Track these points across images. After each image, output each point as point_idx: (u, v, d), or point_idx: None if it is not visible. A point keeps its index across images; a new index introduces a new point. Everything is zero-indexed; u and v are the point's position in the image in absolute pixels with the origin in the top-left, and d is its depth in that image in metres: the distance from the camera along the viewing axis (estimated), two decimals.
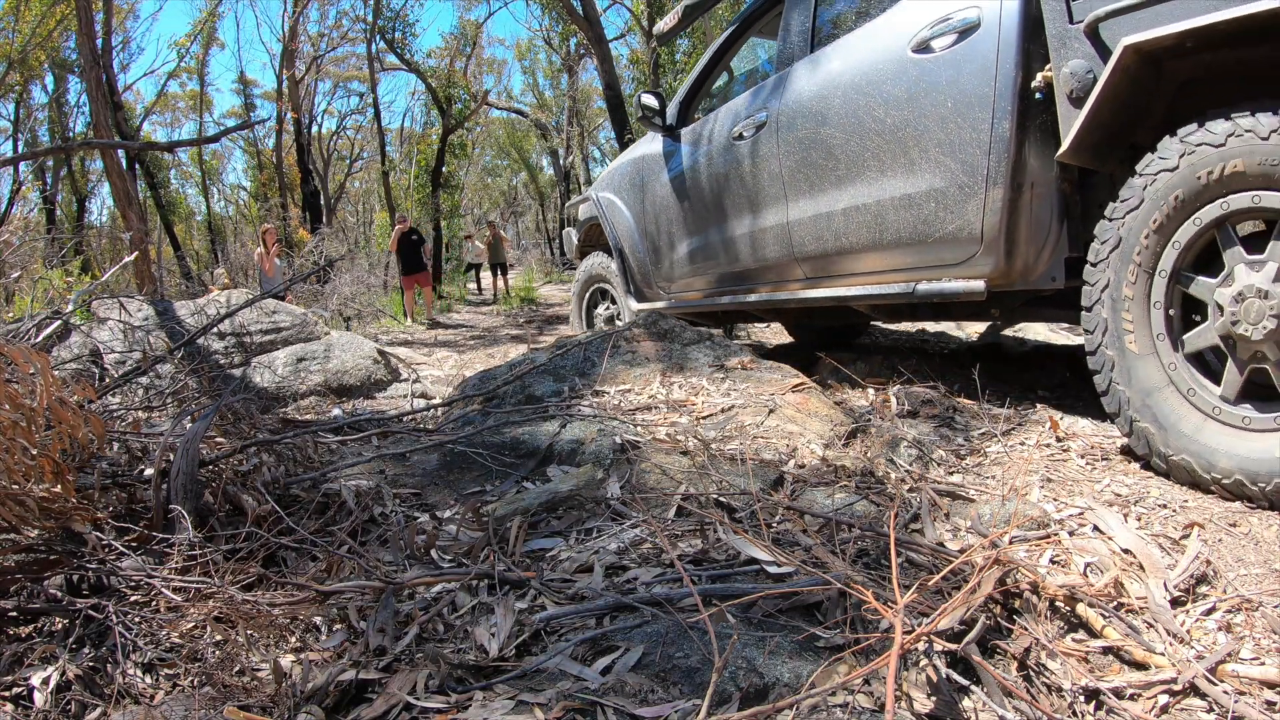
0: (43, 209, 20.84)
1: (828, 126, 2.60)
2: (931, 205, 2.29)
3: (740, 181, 3.05)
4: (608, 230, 4.08)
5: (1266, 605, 1.27)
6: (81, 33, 9.23)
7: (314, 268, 11.03)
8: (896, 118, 2.35)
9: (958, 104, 2.17)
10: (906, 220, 2.38)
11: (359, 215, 32.24)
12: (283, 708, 1.00)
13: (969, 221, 2.19)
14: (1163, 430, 1.73)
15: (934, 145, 2.25)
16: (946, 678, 1.00)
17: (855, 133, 2.49)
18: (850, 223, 2.58)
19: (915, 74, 2.29)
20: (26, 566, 1.29)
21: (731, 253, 3.20)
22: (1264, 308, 1.55)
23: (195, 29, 20.70)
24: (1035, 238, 2.12)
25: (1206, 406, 1.67)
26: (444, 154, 19.45)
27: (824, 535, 1.44)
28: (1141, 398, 1.77)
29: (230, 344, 4.58)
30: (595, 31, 11.34)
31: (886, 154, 2.41)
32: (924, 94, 2.26)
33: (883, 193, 2.43)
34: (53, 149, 17.93)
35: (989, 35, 2.09)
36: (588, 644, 1.08)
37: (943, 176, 2.24)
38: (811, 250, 2.78)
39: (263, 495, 1.59)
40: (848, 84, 2.52)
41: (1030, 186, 2.09)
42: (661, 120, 3.59)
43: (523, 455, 1.99)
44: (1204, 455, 1.65)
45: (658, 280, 3.80)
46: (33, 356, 1.36)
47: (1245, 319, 1.58)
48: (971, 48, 2.13)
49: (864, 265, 2.63)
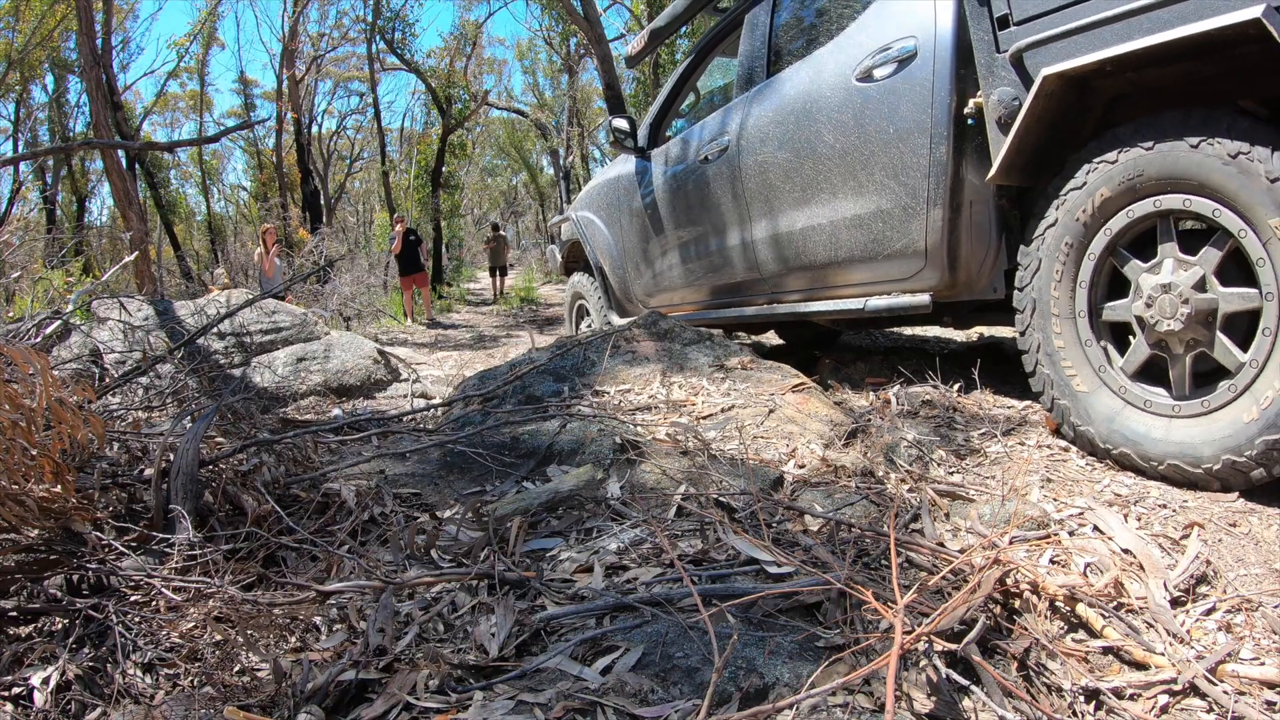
0: (43, 209, 20.83)
1: (783, 151, 2.72)
2: (879, 225, 2.42)
3: (707, 203, 3.18)
4: (587, 249, 4.25)
5: (1266, 605, 1.27)
6: (81, 33, 9.23)
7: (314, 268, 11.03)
8: (845, 143, 2.47)
9: (899, 129, 2.29)
10: (857, 239, 2.52)
11: (359, 215, 32.24)
12: (283, 708, 1.00)
13: (914, 240, 2.33)
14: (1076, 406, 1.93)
15: (879, 169, 2.38)
16: (946, 678, 1.00)
17: (808, 157, 2.62)
18: (807, 242, 2.72)
19: (860, 101, 2.41)
20: (26, 566, 1.29)
21: (703, 270, 3.35)
22: (1179, 305, 1.69)
23: (195, 29, 20.69)
24: (976, 253, 2.25)
25: (1115, 387, 1.85)
26: (444, 154, 19.45)
27: (824, 535, 1.44)
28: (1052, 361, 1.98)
29: (230, 344, 4.58)
30: (595, 31, 11.34)
31: (837, 177, 2.54)
32: (869, 120, 2.39)
33: (835, 214, 2.57)
34: (53, 149, 17.93)
35: (925, 64, 2.21)
36: (588, 644, 1.08)
37: (888, 198, 2.37)
38: (773, 269, 2.93)
39: (263, 495, 1.59)
40: (800, 110, 2.65)
41: (969, 205, 2.22)
42: (633, 142, 3.73)
43: (523, 455, 1.99)
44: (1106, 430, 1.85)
45: (637, 295, 3.95)
46: (33, 356, 1.36)
47: (1161, 311, 1.72)
48: (910, 76, 2.25)
49: (820, 282, 2.78)
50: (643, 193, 3.69)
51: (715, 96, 3.66)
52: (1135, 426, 1.79)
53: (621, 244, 3.98)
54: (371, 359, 4.92)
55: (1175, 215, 1.73)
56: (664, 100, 3.74)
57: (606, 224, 4.11)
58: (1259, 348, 1.58)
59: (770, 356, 2.81)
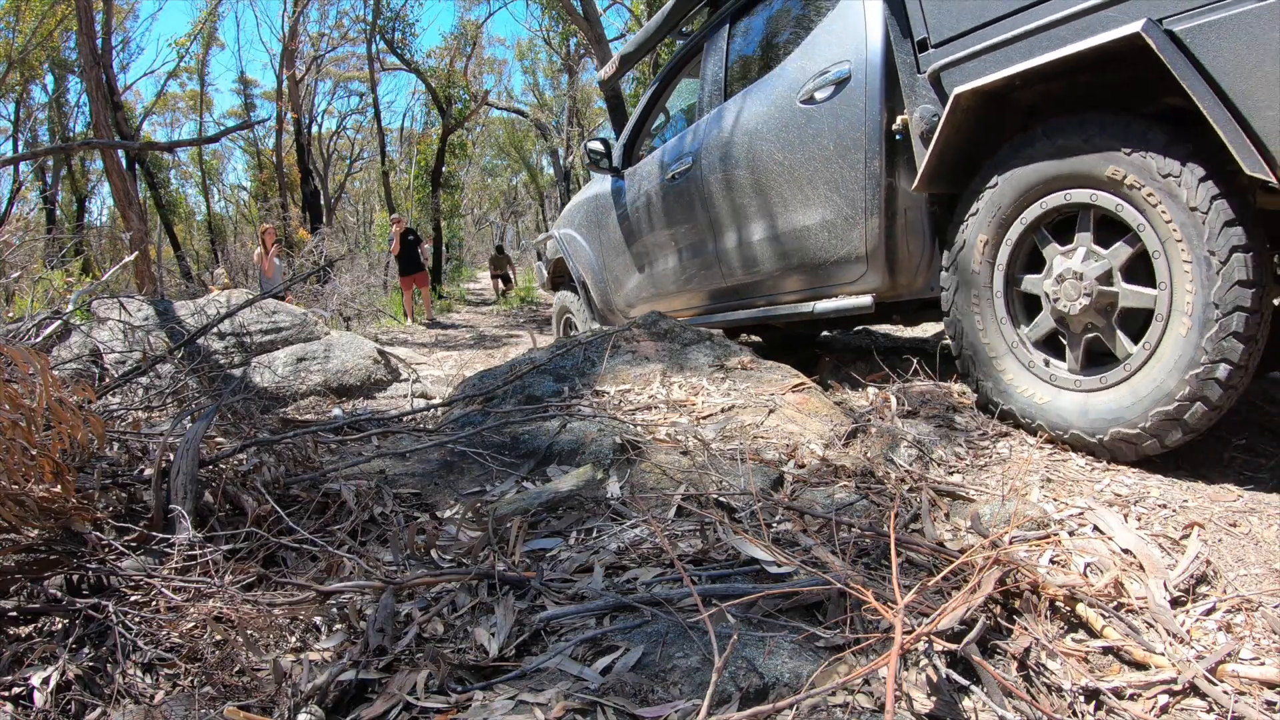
0: (43, 209, 20.83)
1: (740, 169, 2.93)
2: (825, 235, 2.63)
3: (677, 218, 3.41)
4: (570, 265, 4.49)
5: (1266, 605, 1.28)
6: (81, 33, 9.23)
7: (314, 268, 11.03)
8: (792, 159, 2.68)
9: (838, 146, 2.49)
10: (806, 248, 2.73)
11: (359, 215, 32.23)
12: (283, 708, 1.00)
13: (855, 247, 2.53)
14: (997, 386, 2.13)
15: (823, 183, 2.58)
16: (946, 678, 1.00)
17: (762, 174, 2.84)
18: (763, 252, 2.94)
19: (804, 121, 2.61)
20: (26, 566, 1.29)
21: (675, 281, 3.58)
22: (1083, 292, 1.86)
23: (195, 29, 20.69)
24: (913, 256, 2.45)
25: (1025, 362, 2.04)
26: (444, 154, 19.46)
27: (824, 535, 1.44)
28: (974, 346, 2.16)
29: (230, 344, 4.58)
30: (595, 31, 11.34)
31: (787, 192, 2.75)
32: (812, 139, 2.59)
33: (786, 225, 2.78)
34: (53, 149, 17.92)
35: (858, 86, 2.40)
36: (588, 644, 1.08)
37: (832, 209, 2.57)
38: (736, 278, 3.16)
39: (263, 495, 1.59)
40: (753, 131, 2.86)
41: (904, 213, 2.42)
42: (608, 163, 3.96)
43: (523, 455, 1.99)
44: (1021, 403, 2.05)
45: (618, 307, 4.17)
46: (33, 356, 1.36)
47: (1067, 293, 1.89)
48: (845, 98, 2.45)
49: (777, 289, 3.00)
50: (619, 210, 3.90)
51: (680, 119, 3.84)
52: (1042, 399, 1.98)
53: (602, 259, 4.19)
54: (371, 359, 4.92)
55: (1090, 208, 1.87)
56: (636, 121, 3.95)
57: (587, 240, 4.32)
58: (1152, 331, 1.74)
59: (770, 357, 2.81)
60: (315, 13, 21.58)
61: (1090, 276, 1.84)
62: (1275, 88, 1.48)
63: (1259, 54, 1.48)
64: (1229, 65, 1.54)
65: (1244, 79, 1.52)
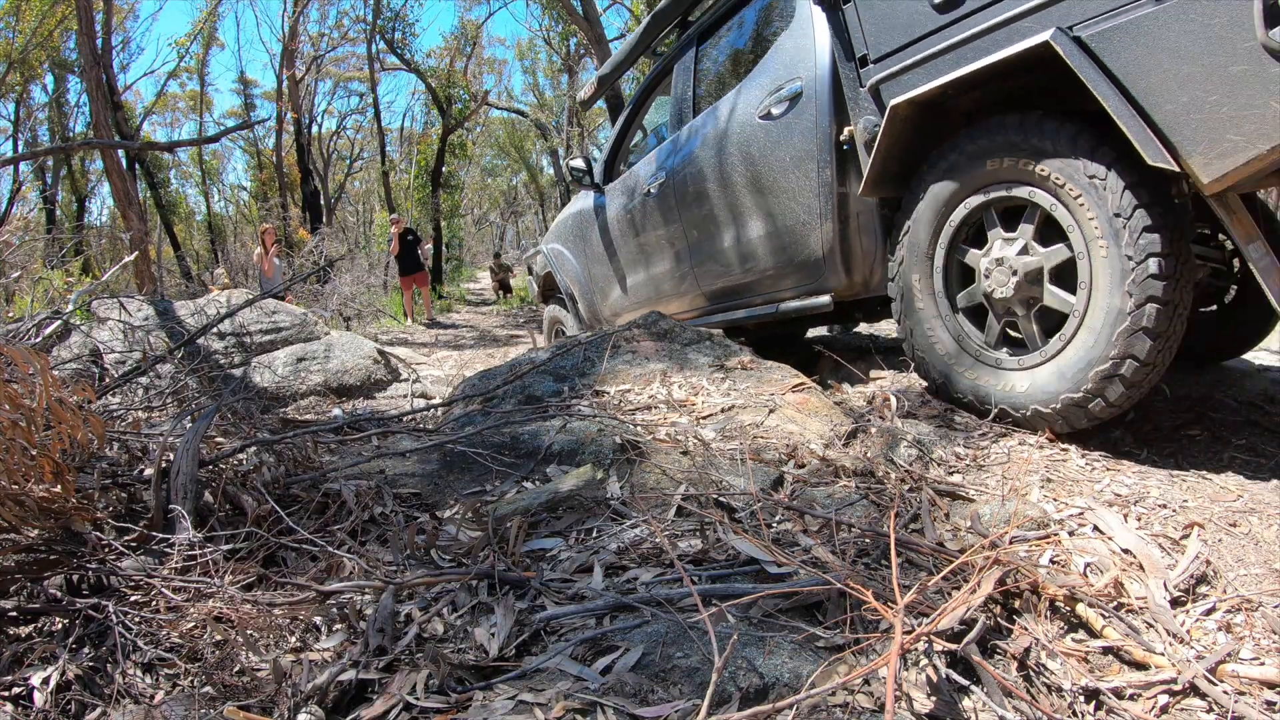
0: (43, 209, 20.82)
1: (709, 182, 3.11)
2: (785, 240, 2.80)
3: (654, 230, 3.60)
4: (558, 278, 4.69)
5: (1266, 605, 1.28)
6: (81, 33, 9.23)
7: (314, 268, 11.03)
8: (754, 172, 2.85)
9: (794, 158, 2.65)
10: (769, 254, 2.91)
11: (359, 215, 32.21)
12: (283, 708, 1.00)
13: (813, 251, 2.69)
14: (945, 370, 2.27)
15: (782, 192, 2.74)
16: (946, 678, 1.00)
17: (727, 186, 3.01)
18: (731, 259, 3.12)
19: (763, 136, 2.78)
20: (26, 566, 1.29)
21: (655, 290, 3.76)
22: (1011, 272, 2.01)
23: (195, 29, 20.67)
24: (867, 257, 2.62)
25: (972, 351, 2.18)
26: (444, 154, 19.46)
27: (824, 535, 1.44)
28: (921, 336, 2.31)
29: (230, 344, 4.58)
30: (595, 31, 11.34)
31: (751, 202, 2.92)
32: (771, 152, 2.75)
33: (751, 233, 2.96)
34: (53, 149, 17.92)
35: (809, 101, 2.57)
36: (588, 644, 1.08)
37: (790, 216, 2.73)
38: (709, 283, 3.34)
39: (263, 495, 1.59)
40: (718, 145, 3.02)
41: (856, 217, 2.58)
42: (590, 179, 4.14)
43: (523, 455, 1.99)
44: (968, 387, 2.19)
45: (604, 316, 4.35)
46: (32, 356, 1.36)
47: (998, 281, 2.04)
48: (798, 112, 2.62)
49: (745, 293, 3.17)
50: (601, 225, 4.08)
51: (653, 137, 4.04)
52: (989, 383, 2.13)
53: (588, 271, 4.39)
54: (371, 359, 4.92)
55: (1000, 203, 2.06)
56: (615, 138, 4.16)
57: (574, 254, 4.51)
58: (1079, 299, 1.88)
59: (770, 357, 2.81)
60: (315, 13, 21.60)
61: (1011, 255, 2.01)
62: (1172, 84, 1.62)
63: (1157, 54, 1.63)
64: (1131, 65, 1.67)
65: (1144, 77, 1.65)
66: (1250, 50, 1.50)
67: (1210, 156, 1.60)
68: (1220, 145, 1.59)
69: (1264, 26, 1.47)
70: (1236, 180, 1.62)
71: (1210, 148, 1.60)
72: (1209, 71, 1.57)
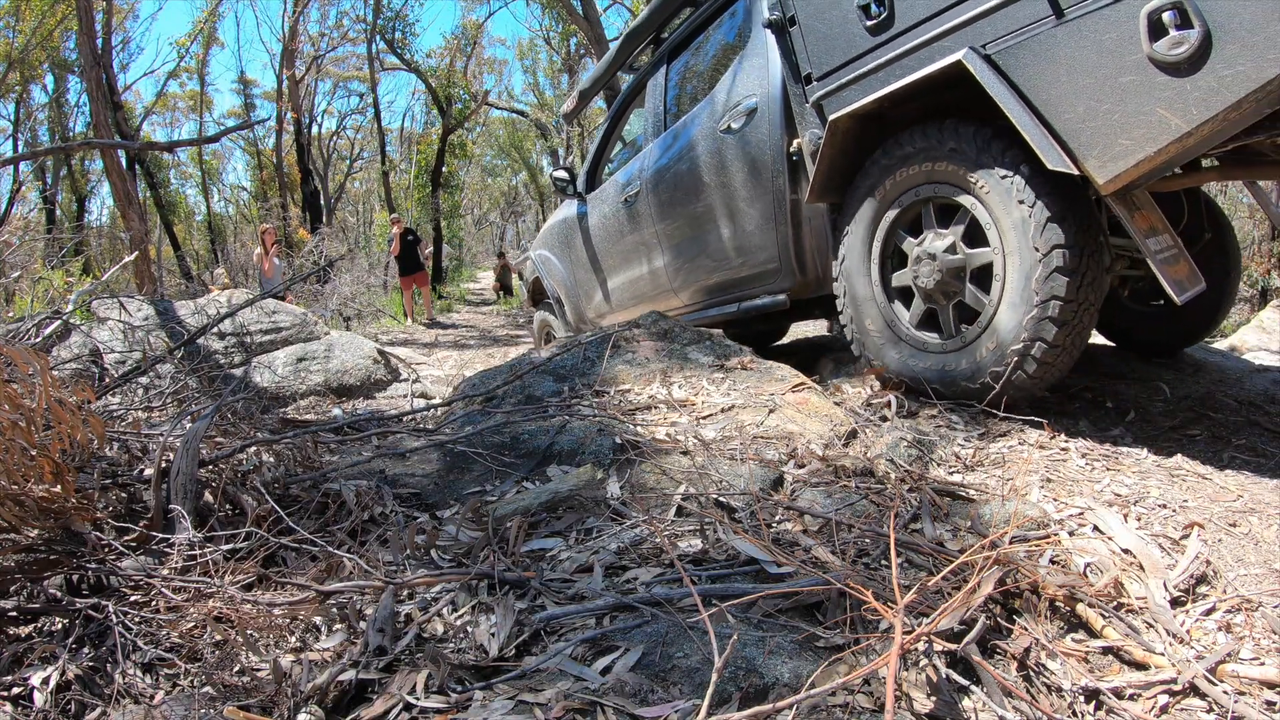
0: (43, 209, 20.80)
1: (678, 190, 3.31)
2: (745, 243, 3.00)
3: (632, 236, 3.79)
4: (546, 283, 4.91)
5: (1266, 605, 1.28)
6: (81, 33, 9.22)
7: (314, 268, 11.03)
8: (717, 181, 3.04)
9: (752, 168, 2.84)
10: (731, 256, 3.12)
11: (359, 215, 32.20)
12: (283, 708, 1.00)
13: (771, 254, 2.90)
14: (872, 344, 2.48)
15: (742, 200, 2.94)
16: (946, 678, 1.00)
17: (694, 194, 3.20)
18: (699, 262, 3.33)
19: (724, 148, 2.96)
20: (26, 566, 1.29)
21: (634, 293, 3.96)
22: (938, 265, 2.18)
23: (195, 29, 20.65)
24: (819, 258, 2.79)
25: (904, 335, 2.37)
26: (444, 154, 19.45)
27: (824, 535, 1.44)
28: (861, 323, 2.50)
29: (230, 344, 4.58)
30: (595, 31, 11.34)
31: (715, 209, 3.11)
32: (732, 162, 2.94)
33: (715, 238, 3.16)
34: (53, 149, 17.91)
35: (764, 116, 2.76)
36: (588, 644, 1.08)
37: (750, 222, 2.94)
38: (680, 284, 3.55)
39: (263, 495, 1.59)
40: (686, 157, 3.23)
41: (808, 221, 2.77)
42: (573, 189, 4.38)
43: (523, 455, 1.99)
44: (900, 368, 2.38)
45: (589, 318, 4.55)
46: (32, 356, 1.36)
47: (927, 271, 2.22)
48: (754, 126, 2.81)
49: (711, 293, 3.38)
50: (584, 232, 4.31)
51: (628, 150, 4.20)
52: (919, 363, 2.31)
53: (573, 276, 4.59)
54: (371, 359, 4.92)
55: (933, 201, 2.22)
56: (596, 149, 4.37)
57: (560, 260, 4.72)
58: (995, 291, 2.06)
59: (770, 357, 2.81)
60: (315, 13, 21.58)
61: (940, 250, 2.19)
62: (1070, 95, 1.78)
63: (1056, 68, 1.79)
64: (1034, 79, 1.83)
65: (1045, 90, 1.82)
66: (1138, 62, 1.65)
67: (1104, 160, 1.75)
68: (1113, 149, 1.73)
69: (1149, 40, 1.62)
70: (1129, 181, 1.75)
71: (1104, 152, 1.74)
72: (1102, 82, 1.72)
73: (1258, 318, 5.15)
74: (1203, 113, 1.59)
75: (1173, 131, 1.64)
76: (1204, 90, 1.59)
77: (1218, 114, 1.58)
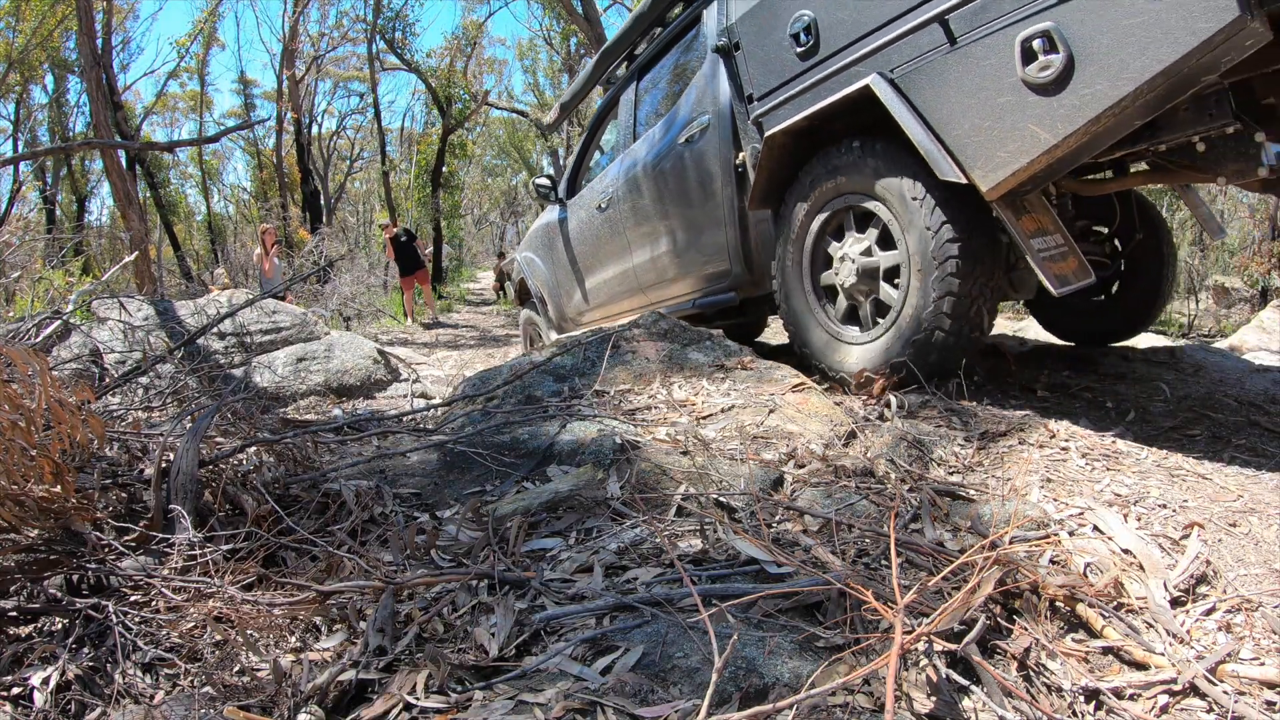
0: (43, 209, 20.80)
1: (644, 198, 3.62)
2: (701, 245, 3.32)
3: (606, 240, 4.11)
4: (530, 284, 5.24)
5: (1266, 605, 1.28)
6: (81, 33, 9.22)
7: (314, 268, 11.02)
8: (677, 188, 3.36)
9: (705, 178, 3.14)
10: (688, 258, 3.45)
11: (359, 215, 32.18)
12: (283, 708, 1.00)
13: (722, 256, 3.21)
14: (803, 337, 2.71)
15: (697, 206, 3.25)
16: (946, 678, 1.00)
17: (658, 200, 3.52)
18: (662, 262, 3.64)
19: (683, 159, 3.27)
20: (26, 566, 1.29)
21: (608, 292, 4.28)
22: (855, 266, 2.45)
23: (195, 29, 20.63)
24: (765, 259, 3.04)
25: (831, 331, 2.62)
26: (444, 154, 19.43)
27: (824, 535, 1.44)
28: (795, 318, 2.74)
29: (230, 344, 4.58)
30: (595, 31, 11.34)
31: (675, 214, 3.43)
32: (688, 172, 3.25)
33: (676, 241, 3.48)
34: (53, 149, 17.90)
35: (715, 130, 3.06)
36: (588, 644, 1.08)
37: (704, 227, 3.25)
38: (647, 283, 3.85)
39: (263, 495, 1.59)
40: (651, 167, 3.53)
41: (755, 225, 3.04)
42: (555, 195, 4.69)
43: (523, 455, 1.98)
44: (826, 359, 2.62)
45: (569, 315, 4.85)
46: (32, 357, 1.36)
47: (846, 271, 2.48)
48: (708, 139, 3.10)
49: (673, 290, 3.69)
50: (565, 235, 4.62)
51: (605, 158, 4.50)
52: (836, 356, 2.57)
53: (555, 277, 4.89)
54: (371, 359, 4.92)
55: (852, 209, 2.48)
56: (576, 158, 4.67)
57: (543, 262, 5.04)
58: (901, 290, 2.30)
59: (770, 356, 2.81)
60: (315, 13, 21.57)
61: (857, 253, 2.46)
62: (959, 113, 2.01)
63: (948, 89, 2.03)
64: (929, 100, 2.07)
65: (938, 109, 2.05)
66: (1013, 84, 1.88)
67: (986, 170, 1.98)
68: (993, 160, 1.96)
69: (1021, 64, 1.85)
70: (1009, 188, 1.98)
71: (986, 163, 1.98)
72: (984, 102, 1.95)
73: (1258, 318, 5.16)
74: (1067, 127, 1.80)
75: (1042, 144, 1.86)
76: (1068, 108, 1.80)
77: (1080, 128, 1.79)
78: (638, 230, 3.73)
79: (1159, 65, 1.64)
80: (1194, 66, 1.65)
